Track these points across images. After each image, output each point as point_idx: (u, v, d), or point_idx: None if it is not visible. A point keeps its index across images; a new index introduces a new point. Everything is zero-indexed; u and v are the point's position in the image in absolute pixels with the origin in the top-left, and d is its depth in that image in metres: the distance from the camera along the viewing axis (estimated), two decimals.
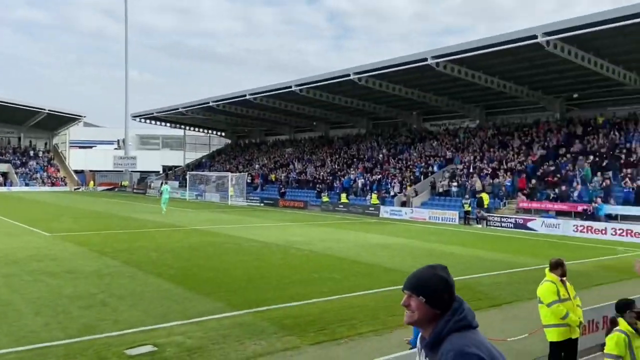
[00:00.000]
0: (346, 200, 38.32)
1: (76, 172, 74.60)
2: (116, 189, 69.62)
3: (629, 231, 22.49)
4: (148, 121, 66.92)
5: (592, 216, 25.12)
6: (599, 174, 27.74)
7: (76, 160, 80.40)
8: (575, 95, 35.30)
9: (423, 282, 2.33)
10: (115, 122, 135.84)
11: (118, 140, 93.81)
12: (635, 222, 23.76)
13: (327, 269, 13.82)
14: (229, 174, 50.80)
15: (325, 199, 39.62)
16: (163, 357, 6.97)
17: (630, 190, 25.42)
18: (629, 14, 22.64)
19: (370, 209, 35.15)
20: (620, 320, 5.06)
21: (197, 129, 71.43)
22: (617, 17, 23.02)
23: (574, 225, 24.48)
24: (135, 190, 65.96)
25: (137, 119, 66.38)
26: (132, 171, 75.72)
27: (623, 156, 28.34)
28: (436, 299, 2.29)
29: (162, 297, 10.24)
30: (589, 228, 23.83)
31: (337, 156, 49.30)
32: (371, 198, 36.20)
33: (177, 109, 56.50)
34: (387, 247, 18.82)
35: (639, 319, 4.99)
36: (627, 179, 26.19)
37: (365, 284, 12.00)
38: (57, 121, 70.21)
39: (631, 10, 22.60)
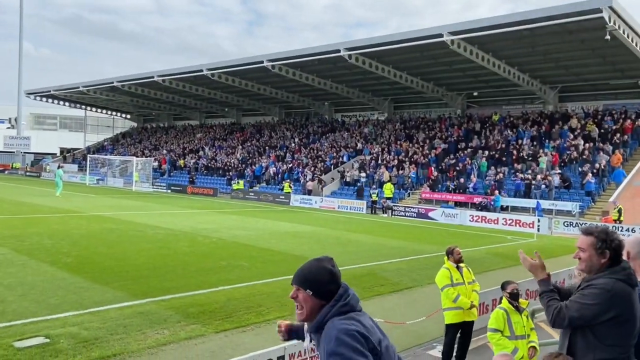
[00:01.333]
0: (241, 187, 38.55)
1: None
2: (6, 171, 64.14)
3: (518, 221, 24.49)
4: (44, 99, 62.04)
5: (486, 207, 27.01)
6: (493, 167, 29.85)
7: None
8: (475, 94, 37.64)
9: (310, 276, 2.42)
10: (7, 99, 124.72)
11: (10, 119, 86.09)
12: (524, 213, 25.91)
13: (235, 257, 13.71)
14: (134, 158, 48.59)
15: (235, 186, 39.21)
16: (56, 349, 6.56)
17: (521, 183, 27.62)
18: (522, 20, 24.50)
19: (281, 197, 35.28)
20: (503, 298, 5.59)
21: (99, 110, 67.39)
22: (512, 22, 24.84)
23: (470, 215, 26.20)
24: (28, 173, 61.13)
25: (32, 96, 61.31)
26: (25, 152, 69.83)
27: (515, 151, 30.68)
28: (322, 291, 2.39)
29: (57, 287, 9.62)
30: (483, 218, 25.63)
31: (248, 143, 48.83)
32: (283, 187, 36.24)
33: (78, 87, 52.88)
34: (296, 235, 19.01)
35: (511, 297, 5.53)
36: (518, 173, 28.44)
37: (273, 271, 12.04)
38: None
39: (524, 17, 24.47)
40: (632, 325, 3.01)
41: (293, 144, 44.50)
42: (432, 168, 32.18)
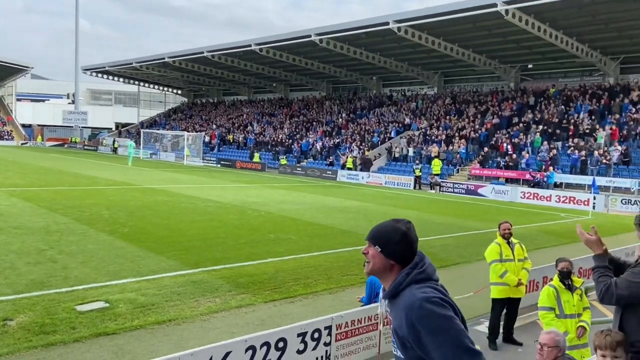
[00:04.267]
0: (259, 161, 40.39)
1: (23, 126, 71.31)
2: (66, 145, 67.19)
3: (572, 198, 23.65)
4: (100, 75, 64.30)
5: (539, 184, 26.17)
6: (546, 143, 28.75)
7: (23, 113, 76.74)
8: (530, 66, 36.15)
9: (381, 232, 2.37)
10: (65, 76, 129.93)
11: (68, 94, 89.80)
12: (579, 190, 24.97)
13: (283, 230, 13.94)
14: (185, 133, 49.79)
15: (283, 161, 39.59)
16: (115, 314, 6.94)
17: (577, 159, 26.54)
18: None
19: (328, 172, 35.38)
20: (555, 276, 5.47)
21: (151, 86, 69.20)
22: None
23: (521, 192, 25.49)
24: (86, 147, 63.83)
25: (89, 72, 63.63)
26: (82, 127, 72.90)
27: (571, 127, 29.42)
28: (390, 249, 2.31)
29: (115, 255, 10.11)
30: (536, 195, 24.88)
31: (296, 119, 49.01)
32: (346, 162, 35.23)
33: (131, 63, 54.43)
34: (343, 209, 19.09)
35: (562, 275, 5.38)
36: (574, 149, 27.31)
37: (320, 244, 12.20)
38: (3, 72, 66.42)
39: None
40: None
41: (340, 119, 44.32)
42: (504, 145, 30.44)
